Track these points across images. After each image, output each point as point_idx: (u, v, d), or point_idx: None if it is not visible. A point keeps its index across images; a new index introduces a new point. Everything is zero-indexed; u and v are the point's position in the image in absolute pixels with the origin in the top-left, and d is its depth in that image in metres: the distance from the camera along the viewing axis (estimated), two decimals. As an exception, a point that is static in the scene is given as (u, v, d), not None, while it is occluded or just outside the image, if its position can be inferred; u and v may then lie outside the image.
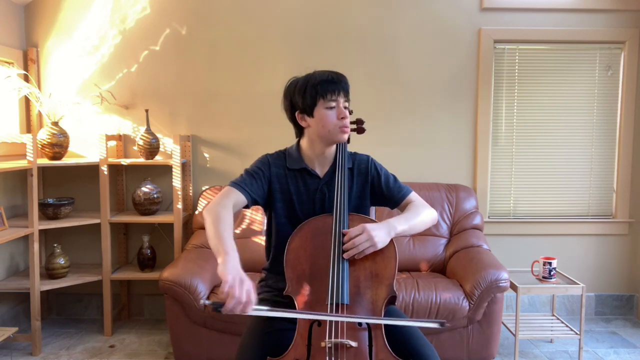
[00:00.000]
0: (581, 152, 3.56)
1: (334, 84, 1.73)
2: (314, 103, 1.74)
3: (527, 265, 3.20)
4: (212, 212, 1.62)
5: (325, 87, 1.72)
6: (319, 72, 1.78)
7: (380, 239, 1.62)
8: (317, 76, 1.76)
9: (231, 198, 1.69)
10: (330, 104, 1.73)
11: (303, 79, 1.78)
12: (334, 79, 1.75)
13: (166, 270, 2.66)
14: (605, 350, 3.08)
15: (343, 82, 1.76)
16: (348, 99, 1.78)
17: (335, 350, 1.47)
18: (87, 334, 3.27)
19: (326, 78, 1.74)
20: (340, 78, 1.77)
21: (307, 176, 1.82)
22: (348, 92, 1.77)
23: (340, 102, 1.75)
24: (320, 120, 1.74)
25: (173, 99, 3.46)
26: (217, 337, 2.66)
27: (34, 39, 3.42)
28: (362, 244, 1.60)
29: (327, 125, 1.74)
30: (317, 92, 1.73)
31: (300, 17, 3.42)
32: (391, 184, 1.86)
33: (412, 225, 1.76)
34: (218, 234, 1.56)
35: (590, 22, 3.45)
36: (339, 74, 1.78)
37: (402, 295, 2.65)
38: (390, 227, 1.68)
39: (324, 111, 1.73)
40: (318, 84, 1.73)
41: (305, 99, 1.74)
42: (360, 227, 1.64)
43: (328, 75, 1.76)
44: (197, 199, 3.39)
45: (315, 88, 1.73)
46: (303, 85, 1.76)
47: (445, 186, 3.35)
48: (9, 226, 2.93)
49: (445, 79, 3.47)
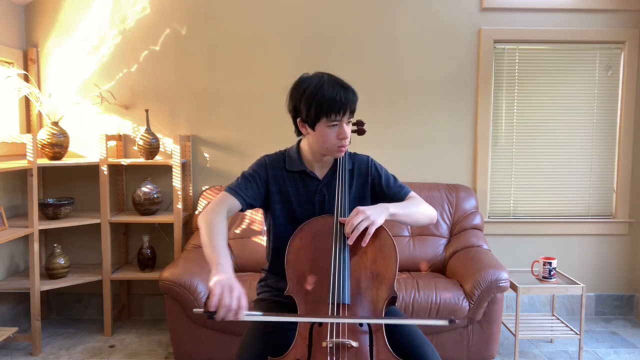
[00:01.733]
0: (581, 152, 3.56)
1: (340, 104, 1.66)
2: (317, 119, 1.69)
3: (527, 265, 3.20)
4: (205, 221, 1.66)
5: (331, 107, 1.66)
6: (329, 83, 1.67)
7: (375, 216, 1.62)
8: (326, 91, 1.66)
9: (225, 204, 1.71)
10: (332, 123, 1.69)
11: (312, 88, 1.68)
12: (342, 99, 1.66)
13: (166, 270, 2.66)
14: (605, 350, 3.08)
15: (350, 102, 1.69)
16: (353, 116, 1.73)
17: (336, 350, 1.47)
18: (87, 334, 3.27)
19: (334, 97, 1.65)
20: (349, 98, 1.68)
21: (307, 178, 1.81)
22: (354, 110, 1.71)
23: (344, 121, 1.70)
24: (319, 137, 1.72)
25: (173, 99, 3.46)
26: (217, 337, 2.66)
27: (34, 39, 3.42)
28: (361, 222, 1.60)
29: (325, 142, 1.72)
30: (321, 110, 1.66)
31: (300, 17, 3.42)
32: (391, 184, 1.86)
33: (407, 213, 1.75)
34: (211, 243, 1.59)
35: (590, 22, 3.45)
36: (349, 91, 1.69)
37: (402, 295, 2.66)
38: (383, 207, 1.69)
39: (326, 129, 1.69)
40: (325, 102, 1.65)
41: (310, 112, 1.68)
42: (354, 210, 1.65)
43: (337, 94, 1.66)
44: (197, 199, 3.39)
45: (320, 105, 1.66)
46: (310, 97, 1.67)
47: (445, 186, 3.35)
48: (9, 226, 2.93)
49: (445, 79, 3.47)
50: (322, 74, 1.72)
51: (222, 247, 1.58)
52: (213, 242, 1.59)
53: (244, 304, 1.43)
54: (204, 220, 1.66)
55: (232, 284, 1.44)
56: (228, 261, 1.53)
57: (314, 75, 1.74)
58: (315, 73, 1.74)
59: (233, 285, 1.44)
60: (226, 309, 1.40)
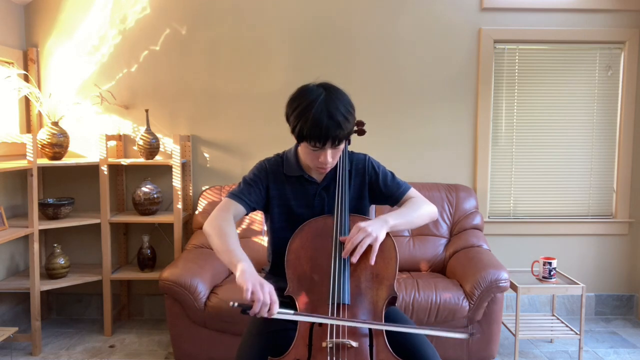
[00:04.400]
0: (581, 152, 3.56)
1: (321, 135, 1.58)
2: (300, 140, 1.65)
3: (527, 265, 3.20)
4: (215, 227, 1.65)
5: (312, 134, 1.59)
6: (318, 109, 1.57)
7: (376, 231, 1.62)
8: (312, 117, 1.57)
9: (230, 210, 1.71)
10: (313, 148, 1.64)
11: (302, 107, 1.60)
12: (323, 131, 1.57)
13: (166, 270, 2.66)
14: (605, 350, 3.08)
15: (333, 136, 1.59)
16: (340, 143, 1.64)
17: (336, 350, 1.47)
18: (87, 334, 3.27)
19: (318, 125, 1.57)
20: (331, 131, 1.57)
21: (305, 182, 1.81)
22: (340, 140, 1.62)
23: (327, 149, 1.63)
24: (303, 153, 1.72)
25: (173, 99, 3.46)
26: (217, 337, 2.66)
27: (34, 39, 3.42)
28: (363, 240, 1.60)
29: (306, 159, 1.72)
30: (303, 135, 1.61)
31: (300, 17, 3.41)
32: (389, 182, 1.85)
33: (407, 220, 1.75)
34: (227, 248, 1.59)
35: (590, 22, 3.45)
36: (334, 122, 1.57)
37: (402, 295, 2.65)
38: (382, 221, 1.68)
39: (308, 149, 1.65)
40: (307, 128, 1.58)
41: (295, 130, 1.64)
42: (354, 228, 1.64)
43: (322, 123, 1.57)
44: (197, 199, 3.39)
45: (302, 130, 1.59)
46: (298, 117, 1.60)
47: (445, 186, 3.35)
48: (9, 226, 2.93)
49: (445, 79, 3.47)
50: (321, 91, 1.62)
51: (240, 249, 1.59)
52: (229, 247, 1.59)
53: (275, 299, 1.45)
54: (212, 227, 1.66)
55: (261, 281, 1.46)
56: (249, 262, 1.54)
57: (313, 89, 1.64)
58: (317, 86, 1.65)
59: (262, 282, 1.46)
60: (262, 303, 1.42)
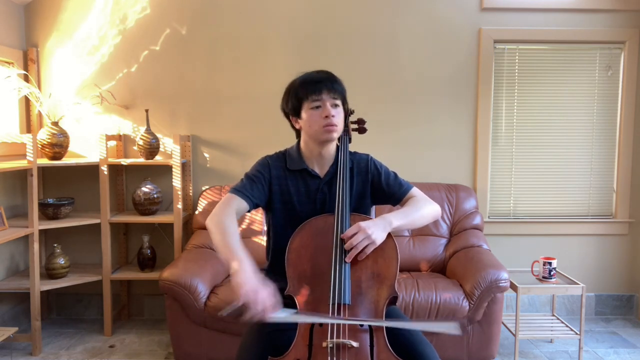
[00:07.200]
0: (581, 152, 3.56)
1: (315, 83, 1.72)
2: (299, 105, 1.74)
3: (527, 265, 3.20)
4: (216, 222, 1.64)
5: (306, 88, 1.73)
6: (306, 74, 1.77)
7: (376, 235, 1.62)
8: (300, 78, 1.77)
9: (233, 205, 1.70)
10: (314, 104, 1.72)
11: (292, 82, 1.79)
12: (314, 78, 1.74)
13: (166, 270, 2.65)
14: (605, 350, 3.08)
15: (326, 80, 1.74)
16: (337, 96, 1.74)
17: (336, 350, 1.47)
18: (87, 334, 3.27)
19: (307, 78, 1.75)
20: (323, 76, 1.75)
21: (308, 177, 1.81)
22: (335, 89, 1.74)
23: (326, 101, 1.72)
24: (307, 121, 1.75)
25: (173, 99, 3.46)
26: (217, 337, 2.66)
27: (34, 39, 3.42)
28: (360, 242, 1.60)
29: (312, 125, 1.73)
30: (299, 94, 1.73)
31: (300, 17, 3.42)
32: (391, 181, 1.86)
33: (410, 220, 1.75)
34: (227, 244, 1.57)
35: (590, 22, 3.45)
36: (323, 72, 1.77)
37: (402, 295, 2.65)
38: (386, 222, 1.68)
39: (310, 112, 1.73)
40: (300, 85, 1.74)
41: (292, 102, 1.75)
42: (355, 226, 1.63)
43: (310, 75, 1.76)
44: (197, 199, 3.39)
45: (297, 90, 1.74)
46: (288, 89, 1.78)
47: (445, 186, 3.35)
48: (9, 226, 2.93)
49: (445, 79, 3.47)
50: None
51: (239, 247, 1.56)
52: (228, 244, 1.57)
53: (271, 302, 1.43)
54: (214, 223, 1.64)
55: (256, 286, 1.44)
56: (248, 261, 1.51)
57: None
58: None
59: (257, 288, 1.43)
60: (253, 311, 1.41)
